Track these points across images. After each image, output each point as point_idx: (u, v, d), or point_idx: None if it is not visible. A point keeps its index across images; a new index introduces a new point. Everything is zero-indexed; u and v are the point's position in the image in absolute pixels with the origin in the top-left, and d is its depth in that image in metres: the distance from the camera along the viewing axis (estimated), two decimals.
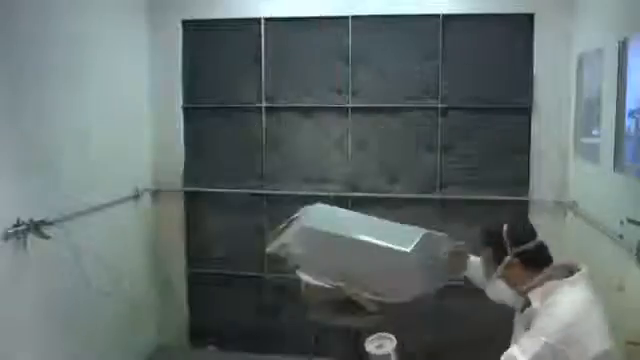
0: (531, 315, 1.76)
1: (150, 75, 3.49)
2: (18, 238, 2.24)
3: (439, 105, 3.32)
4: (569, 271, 1.81)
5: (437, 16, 3.27)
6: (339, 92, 3.42)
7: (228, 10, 3.45)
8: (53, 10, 2.54)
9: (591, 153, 2.71)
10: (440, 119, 3.33)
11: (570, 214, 3.13)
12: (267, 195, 3.53)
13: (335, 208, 2.84)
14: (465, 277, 2.30)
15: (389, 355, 2.06)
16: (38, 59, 2.42)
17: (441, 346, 3.42)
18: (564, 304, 1.68)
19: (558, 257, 3.40)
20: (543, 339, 1.63)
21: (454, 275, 2.30)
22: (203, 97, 3.54)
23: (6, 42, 2.23)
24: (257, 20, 3.42)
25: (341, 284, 2.38)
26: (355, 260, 2.35)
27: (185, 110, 3.55)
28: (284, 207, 2.97)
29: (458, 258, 2.27)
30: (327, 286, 2.41)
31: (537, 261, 1.84)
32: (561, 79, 3.18)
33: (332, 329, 2.72)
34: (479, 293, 3.34)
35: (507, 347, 3.49)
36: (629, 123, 2.27)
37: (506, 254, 1.85)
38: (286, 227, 2.52)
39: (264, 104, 3.47)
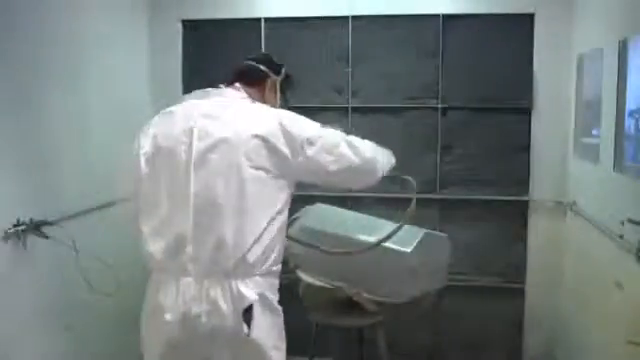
0: None
1: (150, 75, 3.49)
2: (18, 238, 2.24)
3: (439, 105, 3.32)
4: None
5: (437, 16, 3.27)
6: (339, 92, 3.42)
7: (228, 10, 3.44)
8: (52, 10, 2.54)
9: (591, 153, 2.71)
10: (440, 119, 3.33)
11: (570, 214, 3.13)
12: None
13: (335, 208, 2.85)
14: None
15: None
16: (38, 59, 2.42)
17: (441, 346, 3.42)
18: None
19: (558, 258, 3.42)
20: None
21: None
22: None
23: (6, 41, 2.23)
24: (257, 20, 3.42)
25: (341, 284, 2.38)
26: (355, 260, 2.35)
27: None
28: None
29: None
30: (327, 286, 2.42)
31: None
32: (561, 79, 3.18)
33: (332, 329, 2.73)
34: (479, 293, 3.37)
35: (505, 347, 3.50)
36: (629, 123, 2.27)
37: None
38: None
39: None
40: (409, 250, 2.28)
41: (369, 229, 2.45)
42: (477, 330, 3.39)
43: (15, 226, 2.22)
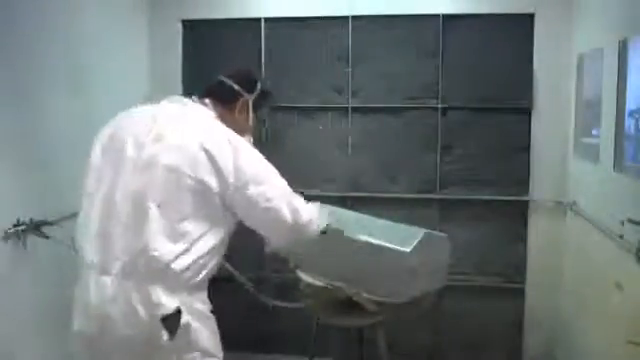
0: None
1: (150, 75, 3.49)
2: (18, 238, 2.24)
3: (439, 105, 3.32)
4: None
5: (437, 16, 3.27)
6: (339, 92, 3.42)
7: (228, 10, 3.45)
8: (52, 10, 2.54)
9: (591, 153, 2.71)
10: (440, 119, 3.33)
11: (570, 214, 3.13)
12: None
13: (335, 208, 2.84)
14: None
15: None
16: (37, 59, 2.42)
17: (441, 346, 3.42)
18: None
19: (558, 258, 3.42)
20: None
21: None
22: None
23: (6, 41, 2.23)
24: (257, 20, 3.42)
25: (341, 284, 2.38)
26: (355, 260, 2.35)
27: None
28: None
29: None
30: (327, 286, 2.41)
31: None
32: (561, 79, 3.18)
33: (332, 329, 2.72)
34: (479, 293, 3.37)
35: (505, 347, 3.48)
36: (629, 123, 2.27)
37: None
38: None
39: None
40: (409, 250, 2.27)
41: (370, 229, 2.45)
42: (477, 330, 3.38)
43: (15, 226, 2.22)
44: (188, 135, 1.67)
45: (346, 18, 3.35)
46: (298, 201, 1.82)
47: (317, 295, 2.48)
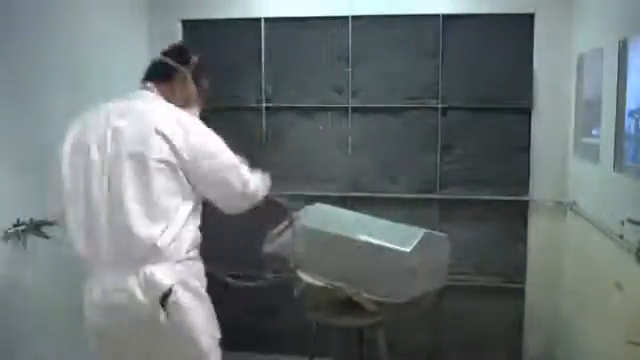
0: None
1: None
2: (18, 238, 2.24)
3: (439, 105, 3.32)
4: None
5: (437, 16, 3.27)
6: (339, 92, 3.42)
7: (228, 10, 3.45)
8: (52, 10, 2.54)
9: (591, 153, 2.71)
10: (440, 119, 3.33)
11: (570, 214, 3.13)
12: (267, 196, 3.52)
13: (335, 208, 2.85)
14: None
15: None
16: (38, 59, 2.42)
17: (441, 346, 3.42)
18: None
19: (558, 258, 3.42)
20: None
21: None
22: None
23: (6, 42, 2.23)
24: (257, 20, 3.42)
25: (341, 284, 2.38)
26: (355, 260, 2.36)
27: None
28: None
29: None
30: (327, 286, 2.42)
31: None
32: (561, 79, 3.18)
33: (332, 329, 2.72)
34: (479, 293, 3.37)
35: (505, 347, 3.49)
36: (629, 123, 2.27)
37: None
38: (286, 227, 2.52)
39: (264, 104, 3.47)
40: (409, 250, 2.28)
41: (369, 229, 2.45)
42: (477, 330, 3.39)
43: (15, 226, 2.22)
44: (141, 123, 1.79)
45: (346, 18, 3.35)
46: (245, 171, 1.97)
47: (317, 295, 2.49)
